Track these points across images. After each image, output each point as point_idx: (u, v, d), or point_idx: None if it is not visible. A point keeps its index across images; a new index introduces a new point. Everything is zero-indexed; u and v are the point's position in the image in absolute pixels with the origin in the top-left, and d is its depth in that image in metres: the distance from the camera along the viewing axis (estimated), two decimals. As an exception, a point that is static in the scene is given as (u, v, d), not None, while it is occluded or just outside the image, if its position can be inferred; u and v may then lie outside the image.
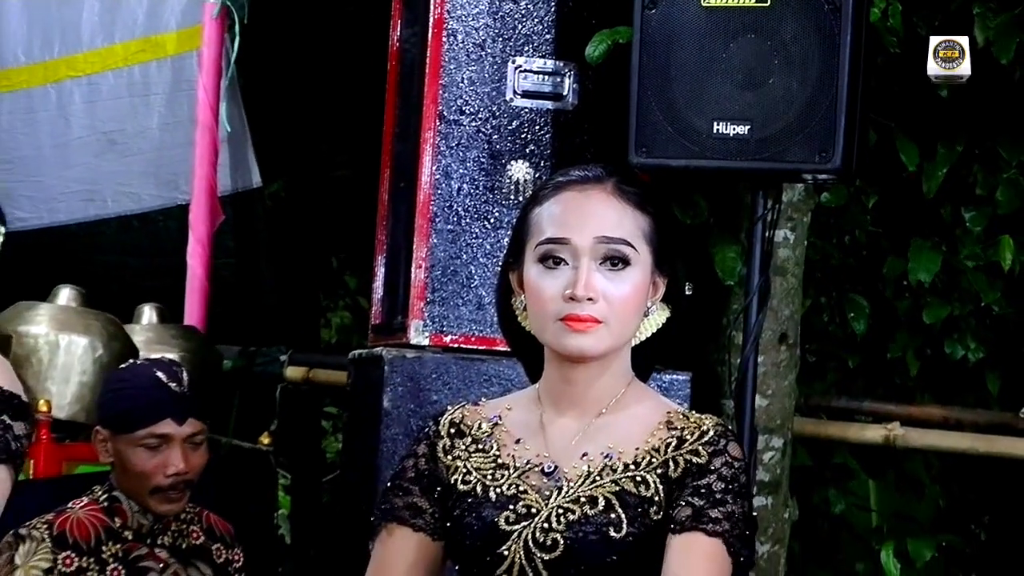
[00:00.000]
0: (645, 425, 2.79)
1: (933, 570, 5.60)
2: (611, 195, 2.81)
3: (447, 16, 4.89)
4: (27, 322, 5.54)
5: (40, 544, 4.06)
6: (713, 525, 2.69)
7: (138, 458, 4.08)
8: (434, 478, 2.87)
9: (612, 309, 2.75)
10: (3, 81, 6.41)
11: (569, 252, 2.78)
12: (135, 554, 4.12)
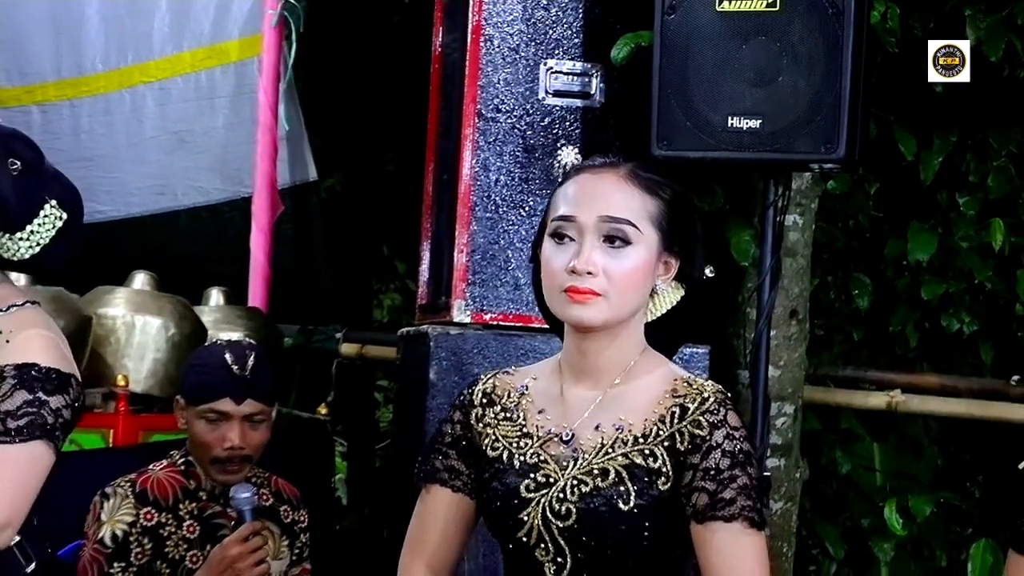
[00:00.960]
0: (652, 395, 2.78)
1: (932, 525, 5.58)
2: (622, 179, 2.81)
3: (484, 23, 4.90)
4: (106, 305, 5.56)
5: (124, 500, 4.08)
6: (730, 508, 2.69)
7: (199, 429, 4.10)
8: (469, 443, 2.88)
9: (611, 283, 2.75)
10: (83, 87, 6.43)
11: (575, 229, 2.78)
12: (209, 512, 4.14)
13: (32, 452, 3.13)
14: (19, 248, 3.22)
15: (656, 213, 2.80)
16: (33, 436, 3.13)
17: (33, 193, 3.23)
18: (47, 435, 3.14)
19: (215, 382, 4.10)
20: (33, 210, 3.23)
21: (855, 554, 5.64)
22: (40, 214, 3.24)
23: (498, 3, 4.90)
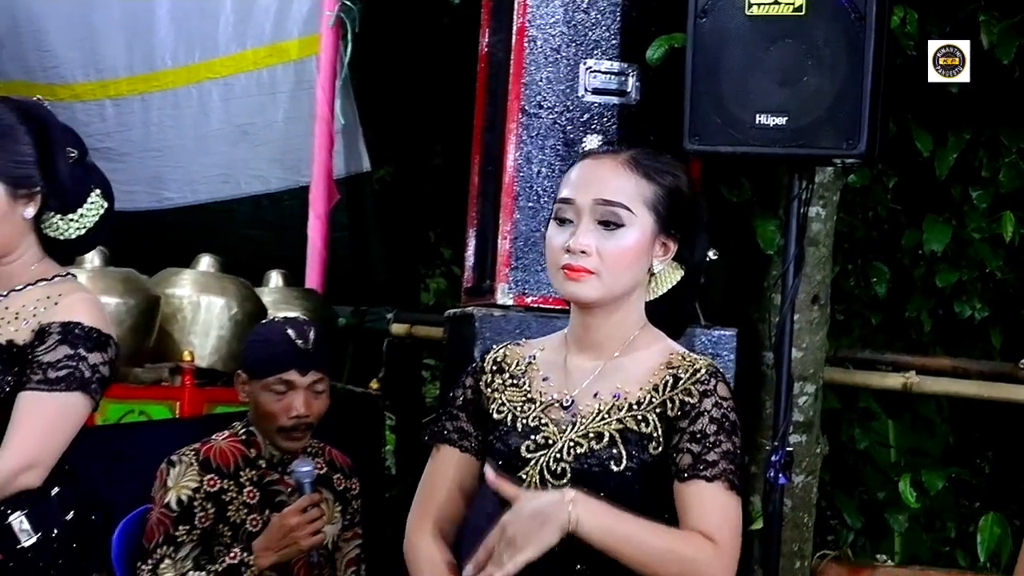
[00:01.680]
0: (649, 367, 2.80)
1: (944, 498, 5.57)
2: (620, 164, 2.82)
3: (528, 24, 4.90)
4: (173, 285, 5.58)
5: (188, 468, 4.10)
6: (711, 469, 2.72)
7: (267, 400, 4.12)
8: (478, 407, 2.90)
9: (604, 262, 2.76)
10: (153, 82, 6.45)
11: (573, 211, 2.80)
12: (268, 479, 4.16)
13: (67, 402, 3.20)
14: (68, 228, 3.33)
15: (652, 198, 2.80)
16: (70, 388, 3.20)
17: (83, 181, 3.34)
18: (83, 388, 3.21)
19: (281, 355, 4.13)
20: (83, 196, 3.33)
21: (871, 525, 5.62)
22: (88, 201, 3.35)
23: (541, 6, 4.90)
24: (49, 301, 3.26)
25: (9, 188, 3.23)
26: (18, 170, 3.24)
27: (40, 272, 3.31)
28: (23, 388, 3.19)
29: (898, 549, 5.58)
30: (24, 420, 3.17)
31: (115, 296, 5.31)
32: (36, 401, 3.18)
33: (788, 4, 4.63)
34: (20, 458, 3.16)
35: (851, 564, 5.48)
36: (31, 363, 3.19)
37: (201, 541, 4.06)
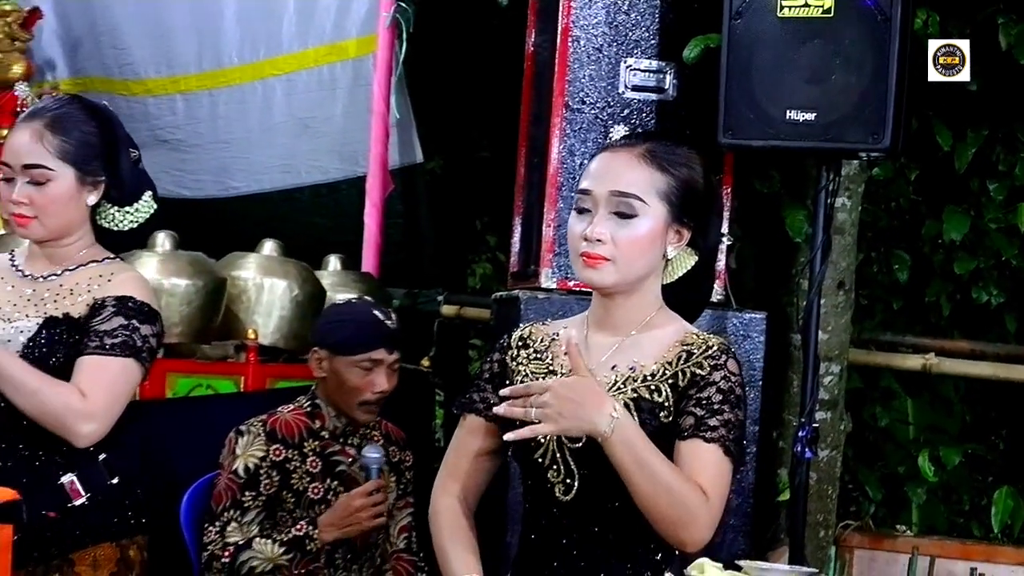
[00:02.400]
0: (664, 344, 2.81)
1: (960, 473, 5.56)
2: (636, 157, 2.82)
3: (572, 25, 4.90)
4: (238, 268, 5.60)
5: (256, 438, 4.11)
6: (711, 432, 2.73)
7: (353, 376, 4.13)
8: (503, 379, 2.90)
9: (619, 250, 2.77)
10: (221, 78, 6.46)
11: (591, 201, 2.81)
12: (330, 450, 4.17)
13: (124, 365, 3.26)
14: (124, 220, 3.41)
15: (666, 188, 2.80)
16: (125, 354, 3.26)
17: (140, 181, 3.44)
18: (136, 355, 3.28)
19: (371, 334, 4.16)
20: (138, 194, 3.43)
21: (891, 497, 5.61)
22: (142, 199, 3.43)
23: (584, 8, 4.90)
24: (102, 279, 3.33)
25: (78, 174, 3.32)
26: (86, 161, 3.33)
27: (91, 255, 3.38)
28: (81, 354, 3.25)
29: (916, 520, 5.56)
30: (85, 379, 3.23)
31: (184, 278, 5.33)
32: (95, 363, 3.25)
33: (817, 6, 4.61)
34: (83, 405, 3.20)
35: (872, 534, 5.47)
36: (88, 331, 3.26)
37: (266, 507, 4.08)
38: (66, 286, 3.32)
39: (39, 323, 3.28)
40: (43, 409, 3.22)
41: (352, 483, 4.15)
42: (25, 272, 3.36)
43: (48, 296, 3.31)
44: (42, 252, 3.37)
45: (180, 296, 5.30)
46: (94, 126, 3.35)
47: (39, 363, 3.25)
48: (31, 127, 3.31)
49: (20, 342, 3.26)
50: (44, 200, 3.29)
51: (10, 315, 3.30)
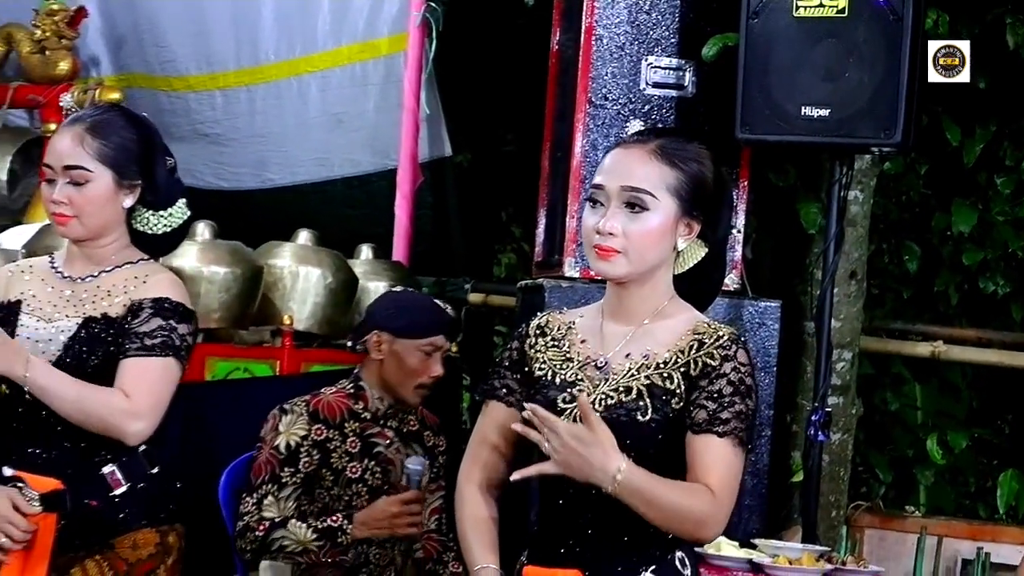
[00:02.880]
0: (677, 332, 2.79)
1: (966, 456, 5.54)
2: (647, 153, 2.80)
3: (595, 24, 4.89)
4: (275, 257, 5.60)
5: (299, 417, 4.11)
6: (724, 426, 2.71)
7: (414, 359, 4.14)
8: (522, 366, 2.89)
9: (630, 242, 2.76)
10: (258, 75, 6.46)
11: (604, 196, 2.80)
12: (369, 431, 4.17)
13: (166, 364, 3.27)
14: (158, 224, 3.41)
15: (675, 183, 2.78)
16: (165, 353, 3.26)
17: (174, 188, 3.44)
18: (175, 354, 3.28)
19: (434, 321, 4.19)
20: (172, 199, 3.43)
21: (900, 479, 5.60)
22: (176, 204, 3.43)
23: (607, 8, 4.89)
24: (137, 280, 3.33)
25: (115, 177, 3.33)
26: (124, 164, 3.33)
27: (126, 256, 3.38)
28: (124, 356, 3.25)
29: (924, 501, 5.55)
30: (128, 380, 3.23)
31: (223, 266, 5.33)
32: (138, 364, 3.24)
33: (832, 6, 4.60)
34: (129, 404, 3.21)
35: (882, 514, 5.46)
36: (128, 334, 3.26)
37: (303, 484, 4.08)
38: (103, 287, 3.33)
39: (78, 323, 3.28)
40: (88, 415, 3.22)
41: (388, 464, 4.15)
42: (64, 274, 3.37)
43: (87, 297, 3.32)
44: (80, 253, 3.37)
45: (219, 283, 5.30)
46: (133, 133, 3.36)
47: (79, 361, 3.25)
48: (72, 131, 3.33)
49: (61, 341, 3.27)
50: (83, 200, 3.30)
51: (51, 315, 3.31)
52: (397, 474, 4.16)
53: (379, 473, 4.14)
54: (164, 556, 3.30)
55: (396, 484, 4.15)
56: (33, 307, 3.32)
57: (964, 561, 5.29)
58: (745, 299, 4.94)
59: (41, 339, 3.28)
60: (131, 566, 3.26)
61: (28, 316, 3.31)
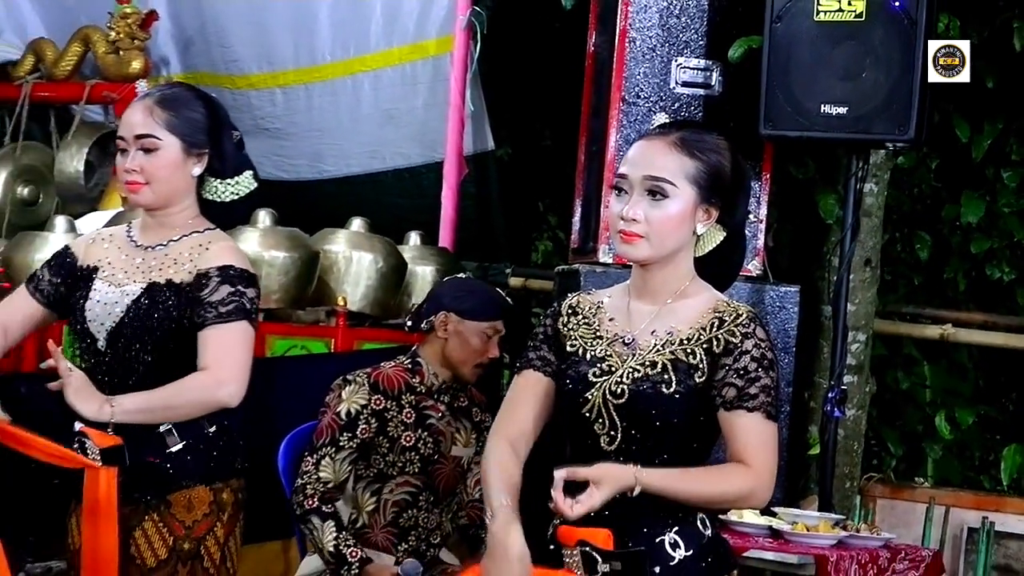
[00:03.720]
0: (698, 311, 2.78)
1: (972, 431, 5.53)
2: (668, 144, 2.79)
3: (629, 28, 4.88)
4: (330, 243, 5.60)
5: (360, 387, 4.11)
6: (752, 401, 2.71)
7: (476, 340, 4.14)
8: (556, 340, 2.88)
9: (651, 228, 2.75)
10: (315, 74, 6.45)
11: (628, 184, 2.79)
12: (423, 404, 4.16)
13: (242, 327, 3.24)
14: (225, 191, 3.37)
15: (694, 172, 2.77)
16: (239, 318, 3.23)
17: (241, 159, 3.41)
18: (247, 317, 3.25)
19: (498, 306, 4.21)
20: (239, 169, 3.39)
21: (910, 452, 5.59)
22: (243, 174, 3.39)
23: (640, 12, 4.88)
24: (201, 248, 3.29)
25: (183, 145, 3.29)
26: (191, 133, 3.30)
27: (194, 225, 3.34)
28: (201, 328, 3.23)
29: (932, 473, 5.54)
30: (212, 349, 3.21)
31: (282, 251, 5.34)
32: (216, 332, 3.21)
33: (850, 11, 4.57)
34: (219, 372, 3.21)
35: (893, 485, 5.46)
36: (201, 304, 3.23)
37: (359, 449, 4.08)
38: (171, 255, 3.30)
39: (143, 288, 3.27)
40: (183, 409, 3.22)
41: (439, 435, 4.15)
42: (138, 242, 3.36)
43: (155, 264, 3.30)
44: (153, 222, 3.35)
45: (278, 267, 5.32)
46: (200, 105, 3.34)
47: (138, 322, 3.23)
48: (143, 104, 3.33)
49: (125, 304, 3.25)
50: (152, 167, 3.27)
51: (121, 281, 3.29)
52: (447, 444, 4.16)
53: (430, 443, 4.14)
54: (219, 513, 3.27)
55: (446, 454, 4.15)
56: (107, 273, 3.31)
57: (970, 529, 5.27)
58: (767, 284, 4.93)
59: (108, 302, 3.27)
60: (188, 529, 3.24)
61: (101, 281, 3.30)
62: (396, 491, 4.11)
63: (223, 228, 3.40)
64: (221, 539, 3.27)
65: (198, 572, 3.24)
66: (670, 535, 2.74)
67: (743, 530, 4.33)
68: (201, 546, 3.24)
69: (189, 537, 3.24)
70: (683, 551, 2.74)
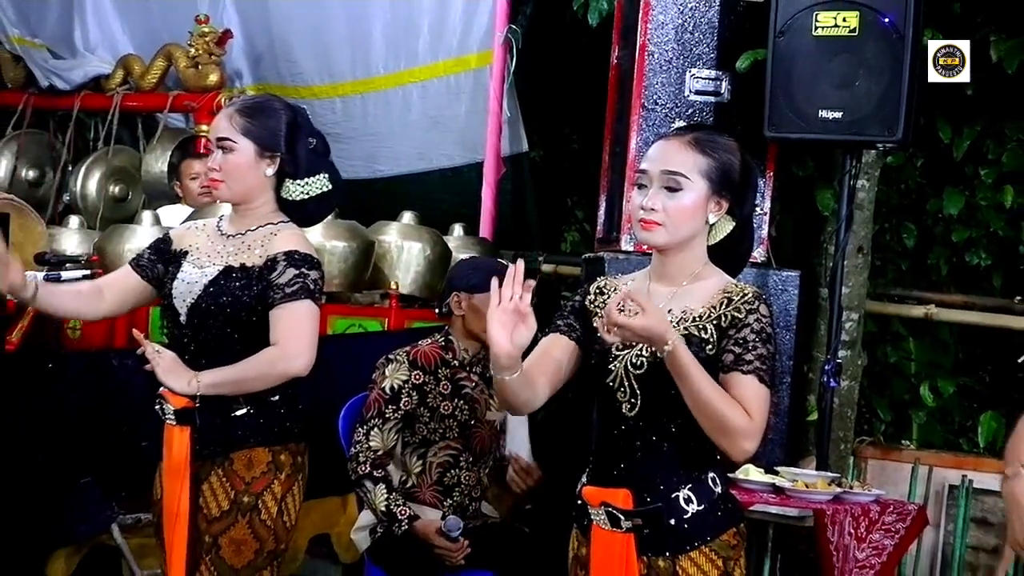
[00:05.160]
0: (710, 292, 2.77)
1: (953, 399, 5.49)
2: (683, 143, 2.78)
3: (648, 42, 4.86)
4: (384, 234, 5.62)
5: (401, 365, 4.12)
6: (747, 365, 2.69)
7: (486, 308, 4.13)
8: (583, 314, 2.87)
9: (668, 217, 2.74)
10: (370, 85, 6.44)
11: (647, 178, 2.78)
12: (458, 376, 4.16)
13: (307, 306, 3.25)
14: (295, 191, 3.38)
15: (706, 168, 2.76)
16: (304, 296, 3.24)
17: (316, 164, 3.40)
18: (311, 296, 3.26)
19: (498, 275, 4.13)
20: (312, 172, 3.38)
21: (897, 419, 5.56)
22: (315, 176, 3.39)
23: (658, 29, 4.86)
24: (271, 235, 3.31)
25: (257, 148, 3.32)
26: (265, 138, 3.32)
27: (269, 218, 3.36)
28: (272, 308, 3.24)
29: (917, 437, 5.51)
30: (282, 326, 3.22)
31: (342, 241, 5.35)
32: (285, 311, 3.23)
33: (845, 27, 4.54)
34: (289, 346, 3.21)
35: (882, 447, 5.44)
36: (271, 286, 3.24)
37: (403, 419, 4.09)
38: (246, 243, 3.33)
39: (220, 270, 3.30)
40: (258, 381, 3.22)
41: (474, 403, 4.14)
42: (223, 232, 3.39)
43: (233, 250, 3.33)
44: (236, 214, 3.39)
45: (339, 255, 5.33)
46: (280, 114, 3.35)
47: (212, 299, 3.25)
48: (228, 111, 3.37)
49: (202, 284, 3.29)
50: (228, 166, 3.30)
51: (203, 264, 3.33)
52: (482, 410, 4.16)
53: (466, 410, 4.13)
54: (276, 472, 3.27)
55: (481, 419, 4.14)
56: (194, 257, 3.35)
57: (951, 486, 5.25)
58: (770, 269, 4.91)
59: (190, 281, 3.30)
60: (247, 484, 3.25)
61: (188, 264, 3.34)
62: (439, 454, 4.12)
63: (300, 224, 3.40)
64: (278, 495, 3.27)
65: (256, 524, 3.25)
66: (684, 491, 2.73)
67: (749, 487, 4.31)
68: (259, 500, 3.25)
69: (248, 492, 3.25)
70: (696, 506, 2.73)
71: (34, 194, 6.41)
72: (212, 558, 3.23)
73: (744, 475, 4.35)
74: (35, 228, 5.28)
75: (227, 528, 3.23)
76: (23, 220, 5.17)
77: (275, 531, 3.26)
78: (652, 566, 2.72)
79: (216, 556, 3.22)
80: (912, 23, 4.46)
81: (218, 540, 3.23)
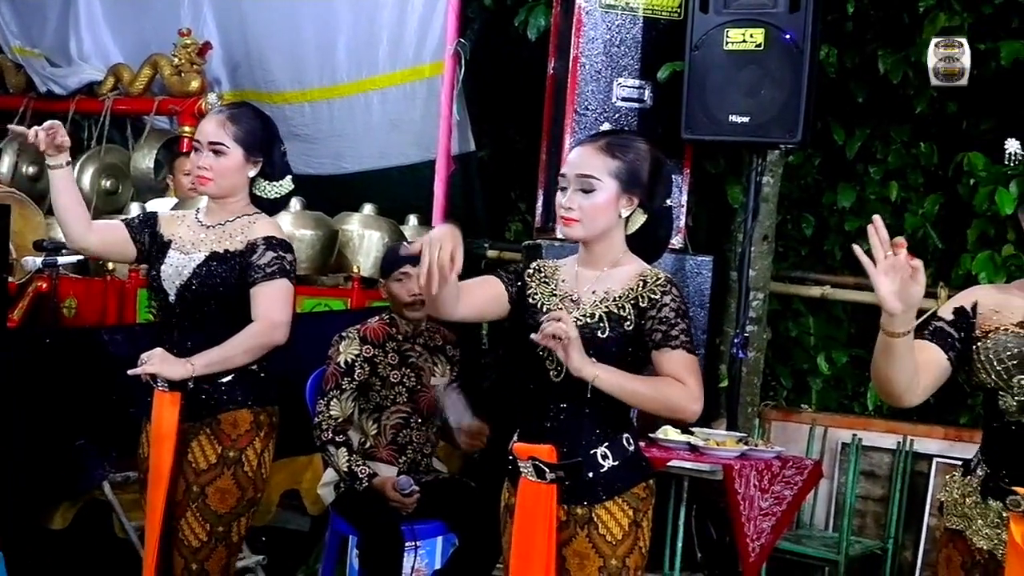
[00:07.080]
0: (629, 276, 2.78)
1: (846, 368, 5.53)
2: (596, 149, 2.78)
3: (580, 55, 4.88)
4: (347, 223, 5.59)
5: (353, 341, 4.10)
6: (675, 341, 2.70)
7: (395, 288, 4.16)
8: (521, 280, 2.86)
9: (584, 214, 2.75)
10: (336, 92, 6.38)
11: (566, 181, 2.79)
12: (404, 347, 4.15)
13: (284, 284, 3.28)
14: (271, 191, 3.42)
15: (615, 169, 2.76)
16: (280, 276, 3.27)
17: (285, 167, 3.44)
18: (287, 275, 3.29)
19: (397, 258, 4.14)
20: (282, 175, 3.43)
21: (797, 385, 5.60)
22: (285, 179, 3.44)
23: (589, 43, 4.87)
24: (250, 223, 3.35)
25: (245, 153, 3.35)
26: (251, 144, 3.35)
27: (245, 210, 3.39)
28: (252, 285, 3.26)
29: (815, 401, 5.55)
30: (262, 300, 3.26)
31: (310, 229, 5.33)
32: (265, 287, 3.25)
33: (752, 42, 4.56)
34: (271, 318, 3.23)
35: (784, 410, 5.47)
36: (252, 267, 3.26)
37: (358, 389, 4.07)
38: (227, 231, 3.35)
39: (205, 255, 3.31)
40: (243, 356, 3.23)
41: (420, 370, 4.13)
42: (203, 222, 3.40)
43: (215, 238, 3.34)
44: (215, 206, 3.40)
45: (307, 242, 5.30)
46: (259, 123, 3.38)
47: (200, 281, 3.27)
48: (218, 117, 3.38)
49: (191, 268, 3.29)
50: (220, 167, 3.33)
51: (189, 250, 3.34)
52: (427, 376, 4.15)
53: (413, 377, 4.13)
54: (257, 431, 3.31)
55: (426, 384, 4.13)
56: (178, 244, 3.36)
57: (843, 444, 5.30)
58: (687, 255, 4.92)
59: (179, 266, 3.31)
60: (233, 441, 3.28)
61: (174, 251, 3.35)
62: (392, 417, 4.11)
63: (268, 214, 3.44)
64: (259, 450, 3.31)
65: (239, 475, 3.28)
66: (601, 449, 2.74)
67: (667, 445, 4.34)
68: (243, 455, 3.28)
69: (234, 447, 3.28)
70: (611, 461, 2.74)
71: (34, 188, 6.31)
72: (199, 505, 3.25)
73: (663, 435, 4.37)
74: (34, 218, 5.22)
75: (214, 479, 3.26)
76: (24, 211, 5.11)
77: (254, 481, 3.30)
78: (571, 513, 2.74)
79: (203, 503, 3.25)
80: (810, 39, 4.49)
81: (205, 490, 3.26)
